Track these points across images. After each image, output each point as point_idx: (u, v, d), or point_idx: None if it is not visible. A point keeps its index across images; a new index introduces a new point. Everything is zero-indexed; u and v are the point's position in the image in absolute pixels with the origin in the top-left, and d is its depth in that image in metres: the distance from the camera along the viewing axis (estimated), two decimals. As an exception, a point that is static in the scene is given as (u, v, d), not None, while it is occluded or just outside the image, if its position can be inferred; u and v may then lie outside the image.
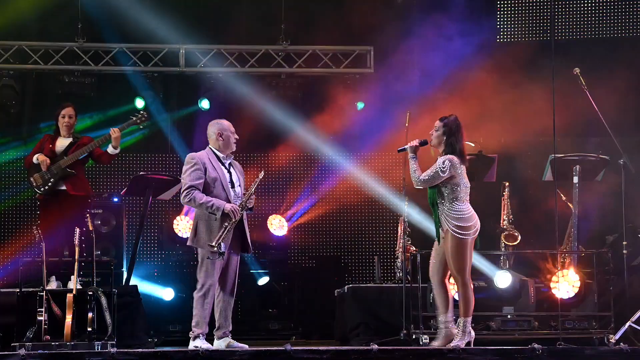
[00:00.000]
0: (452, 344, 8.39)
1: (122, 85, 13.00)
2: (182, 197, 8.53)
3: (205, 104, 13.04)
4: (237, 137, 8.79)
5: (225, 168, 8.68)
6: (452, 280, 8.68)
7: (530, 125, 12.03)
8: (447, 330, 8.56)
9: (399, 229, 11.09)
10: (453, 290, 8.73)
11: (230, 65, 13.01)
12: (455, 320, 8.57)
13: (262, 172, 8.79)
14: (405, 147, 8.69)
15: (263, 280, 12.36)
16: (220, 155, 8.69)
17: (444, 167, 8.43)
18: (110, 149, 10.18)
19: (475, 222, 8.48)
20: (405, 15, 13.02)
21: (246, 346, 8.45)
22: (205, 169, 8.55)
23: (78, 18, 12.57)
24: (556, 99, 9.27)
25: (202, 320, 8.48)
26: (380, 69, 13.03)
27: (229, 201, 8.55)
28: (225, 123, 8.78)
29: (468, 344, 8.45)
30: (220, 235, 8.42)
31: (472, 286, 8.51)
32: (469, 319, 8.50)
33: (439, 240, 8.57)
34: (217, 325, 8.62)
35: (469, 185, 8.53)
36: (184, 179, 8.56)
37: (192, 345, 8.42)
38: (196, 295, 8.51)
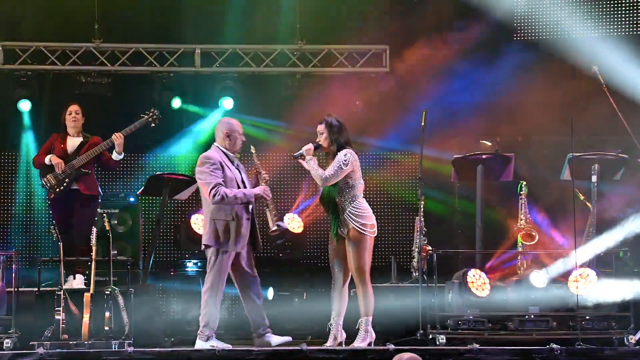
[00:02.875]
0: (355, 345, 8.41)
1: (139, 85, 13.05)
2: (211, 197, 8.39)
3: (227, 103, 13.03)
4: (244, 138, 8.76)
5: (235, 167, 8.67)
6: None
7: (548, 124, 11.99)
8: (338, 332, 8.59)
9: (415, 228, 11.06)
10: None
11: (245, 65, 13.03)
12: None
13: (253, 147, 8.80)
14: (301, 151, 8.64)
15: (269, 294, 12.32)
16: (230, 154, 8.67)
17: (346, 160, 8.44)
18: (114, 155, 10.14)
19: (374, 221, 8.51)
20: (421, 14, 13.00)
21: (289, 338, 8.55)
22: (222, 168, 8.54)
23: (95, 19, 12.61)
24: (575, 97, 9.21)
25: (213, 320, 8.47)
26: (396, 68, 13.00)
27: None
28: (234, 123, 8.75)
29: (370, 344, 8.46)
30: (273, 217, 8.42)
31: (371, 285, 8.53)
32: (370, 318, 8.53)
33: (337, 241, 8.54)
34: (254, 326, 8.63)
35: (363, 183, 8.59)
36: (206, 179, 8.46)
37: (206, 345, 8.40)
38: (206, 294, 8.49)
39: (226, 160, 8.60)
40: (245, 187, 8.64)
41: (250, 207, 8.60)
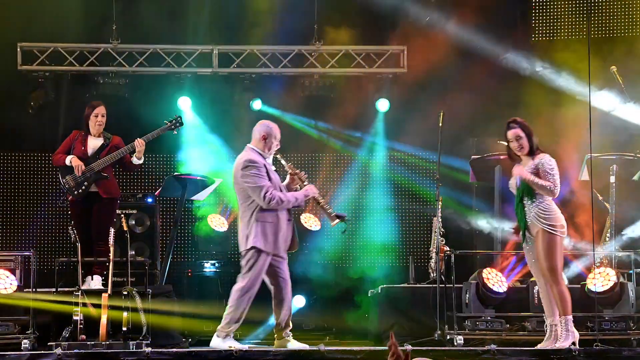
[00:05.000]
0: (557, 345, 8.33)
1: (156, 86, 13.09)
2: (265, 201, 8.35)
3: (257, 104, 13.03)
4: (279, 144, 8.73)
5: (274, 171, 8.66)
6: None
7: (565, 124, 11.93)
8: (554, 333, 8.48)
9: (432, 229, 11.03)
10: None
11: (263, 66, 13.03)
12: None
13: (279, 155, 8.78)
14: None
15: (300, 302, 12.28)
16: (266, 156, 8.65)
17: (551, 164, 8.41)
18: (134, 160, 10.15)
19: (564, 222, 8.43)
20: (439, 15, 12.97)
21: (307, 346, 8.49)
22: (267, 171, 8.53)
23: (112, 20, 12.64)
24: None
25: (236, 319, 8.47)
26: (413, 69, 12.98)
27: None
28: (273, 127, 8.69)
29: (573, 344, 8.35)
30: (329, 211, 8.51)
31: (566, 284, 8.47)
32: (570, 317, 8.41)
33: (524, 239, 8.49)
34: (280, 327, 8.63)
35: None
36: (256, 182, 8.40)
37: (223, 344, 8.39)
38: (237, 293, 8.49)
39: (268, 164, 8.58)
40: (281, 190, 8.62)
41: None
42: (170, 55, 12.94)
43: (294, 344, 8.57)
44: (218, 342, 8.47)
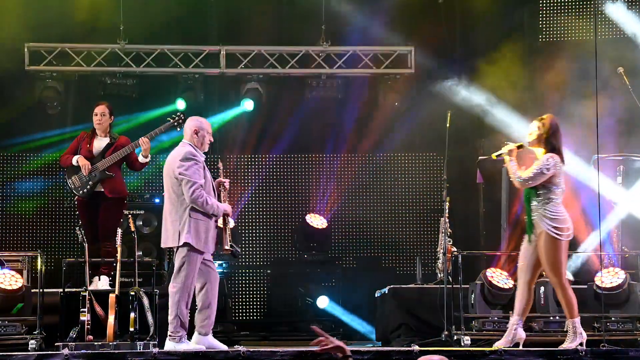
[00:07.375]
0: (563, 346, 8.32)
1: (164, 86, 13.10)
2: (192, 197, 8.28)
3: (248, 104, 13.05)
4: (211, 139, 8.70)
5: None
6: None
7: (573, 125, 11.92)
8: (514, 332, 8.49)
9: (440, 229, 11.03)
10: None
11: (270, 66, 13.03)
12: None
13: (220, 163, 8.88)
14: (502, 151, 8.49)
15: (322, 302, 12.26)
16: (201, 153, 8.60)
17: (547, 165, 8.30)
18: (140, 158, 10.14)
19: (570, 225, 8.38)
20: (446, 15, 12.97)
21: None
22: (204, 170, 8.53)
23: (120, 20, 12.66)
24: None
25: (185, 320, 8.35)
26: (421, 70, 12.97)
27: None
28: (204, 122, 8.69)
29: (580, 344, 8.34)
30: (228, 237, 8.43)
31: (570, 286, 8.43)
32: (577, 319, 8.40)
33: (530, 240, 8.46)
34: (206, 323, 8.52)
35: (564, 188, 8.44)
36: (192, 177, 8.33)
37: (180, 347, 8.21)
38: (177, 295, 8.33)
39: (204, 162, 8.57)
40: (213, 190, 8.59)
41: None
42: (178, 56, 12.95)
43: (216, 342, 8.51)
44: (174, 346, 8.28)
